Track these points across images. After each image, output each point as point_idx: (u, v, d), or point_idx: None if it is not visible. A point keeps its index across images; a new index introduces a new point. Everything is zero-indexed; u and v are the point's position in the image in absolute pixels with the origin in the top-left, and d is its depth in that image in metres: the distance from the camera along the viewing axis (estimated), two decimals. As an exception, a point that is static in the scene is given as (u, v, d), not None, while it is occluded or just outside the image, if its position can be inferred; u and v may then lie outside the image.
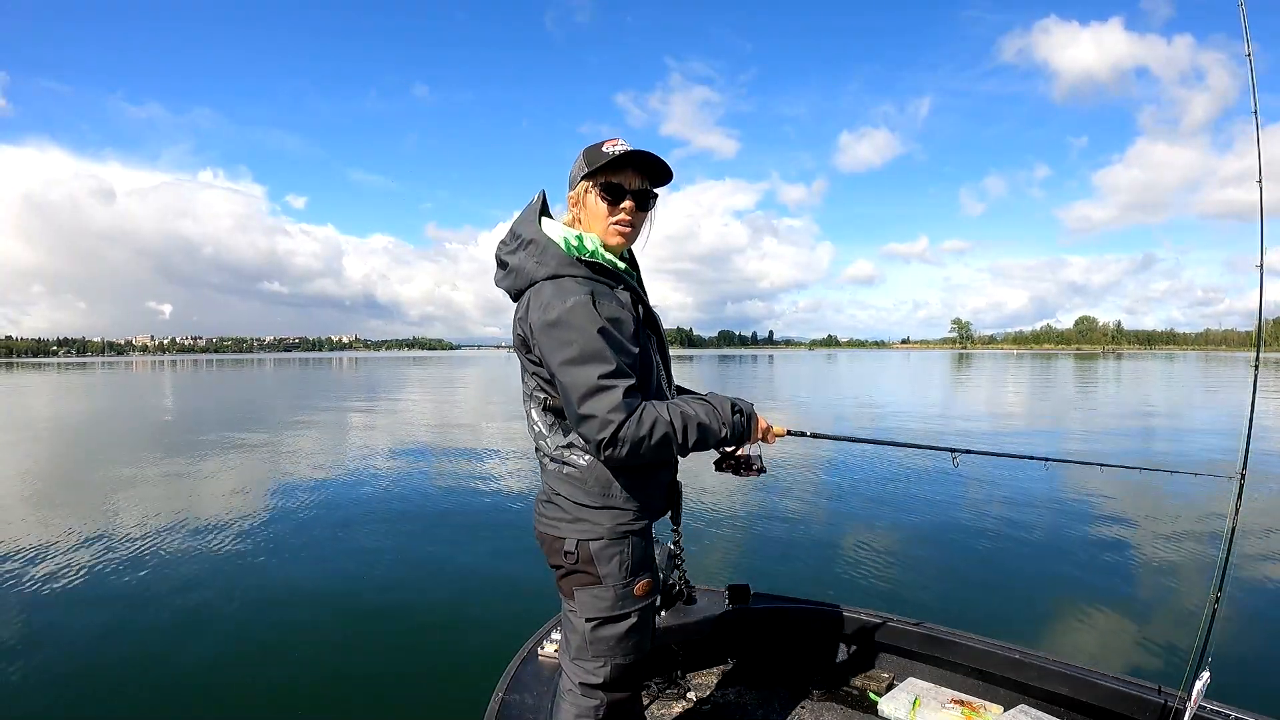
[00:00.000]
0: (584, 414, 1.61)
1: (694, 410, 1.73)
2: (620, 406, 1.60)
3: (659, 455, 1.69)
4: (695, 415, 1.72)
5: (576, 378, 1.61)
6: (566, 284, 1.68)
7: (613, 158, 1.74)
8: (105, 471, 10.54)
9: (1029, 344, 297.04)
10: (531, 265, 1.74)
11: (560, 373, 1.63)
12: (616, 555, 1.75)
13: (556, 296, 1.66)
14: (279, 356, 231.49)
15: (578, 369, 1.61)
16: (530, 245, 1.75)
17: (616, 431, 1.59)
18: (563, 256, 1.72)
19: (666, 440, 1.66)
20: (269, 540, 6.55)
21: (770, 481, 8.78)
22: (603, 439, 1.60)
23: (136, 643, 4.39)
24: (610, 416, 1.59)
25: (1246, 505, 2.08)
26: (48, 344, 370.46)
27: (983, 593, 5.22)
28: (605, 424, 1.59)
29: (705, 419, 1.73)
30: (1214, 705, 2.13)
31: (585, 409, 1.61)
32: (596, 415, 1.60)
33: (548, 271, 1.71)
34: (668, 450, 1.69)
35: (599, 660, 1.79)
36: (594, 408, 1.60)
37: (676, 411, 1.69)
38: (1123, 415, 18.05)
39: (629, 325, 1.73)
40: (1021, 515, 7.21)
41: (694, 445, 1.73)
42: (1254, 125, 2.03)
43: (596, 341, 1.61)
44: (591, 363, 1.61)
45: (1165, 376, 39.46)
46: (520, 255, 1.76)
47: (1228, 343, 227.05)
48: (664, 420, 1.65)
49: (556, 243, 1.74)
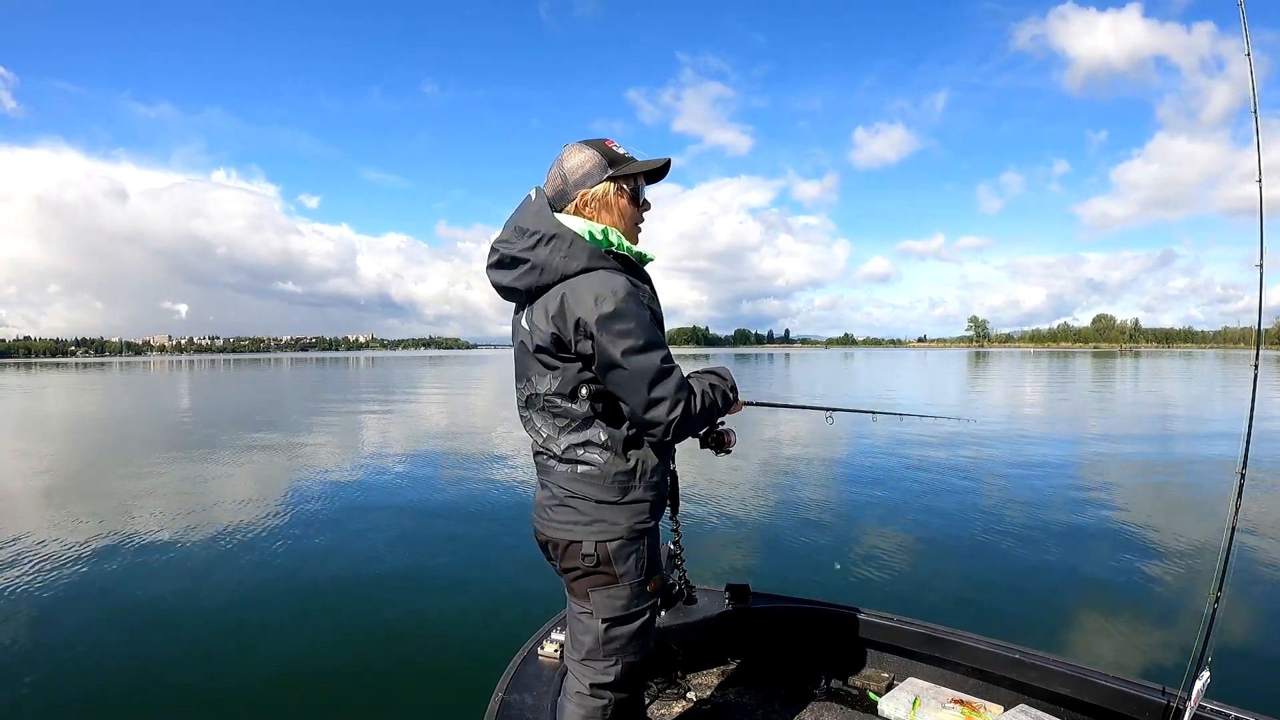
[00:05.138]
0: (656, 397, 1.68)
1: (715, 380, 1.88)
2: (684, 384, 1.71)
3: (701, 426, 1.93)
4: (719, 385, 1.88)
5: (644, 364, 1.66)
6: (609, 276, 1.69)
7: (655, 167, 1.83)
8: (123, 469, 10.69)
9: (1046, 342, 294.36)
10: (559, 260, 1.70)
11: (626, 361, 1.65)
12: (634, 554, 1.77)
13: (605, 287, 1.66)
14: (296, 356, 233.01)
15: (643, 356, 1.66)
16: (554, 240, 1.71)
17: (686, 408, 1.70)
18: (593, 249, 1.71)
19: (712, 409, 1.84)
20: (273, 538, 6.62)
21: (770, 481, 8.80)
22: (674, 418, 1.69)
23: (139, 638, 4.46)
24: (679, 395, 1.69)
25: (1247, 504, 2.07)
26: (66, 344, 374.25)
27: (983, 592, 5.20)
28: (676, 403, 1.69)
29: (723, 386, 1.89)
30: (1214, 705, 2.12)
31: (657, 392, 1.68)
32: (667, 397, 1.68)
33: (580, 264, 1.70)
34: (711, 419, 1.91)
35: (611, 660, 1.81)
36: (664, 390, 1.68)
37: (706, 383, 1.84)
38: (1130, 413, 17.89)
39: (660, 314, 1.82)
40: (1022, 515, 7.17)
41: (720, 412, 1.91)
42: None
43: (651, 327, 1.70)
44: (653, 348, 1.68)
45: (1180, 374, 39.03)
46: (543, 250, 1.71)
47: (1246, 340, 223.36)
48: (706, 393, 1.81)
49: (583, 236, 1.72)
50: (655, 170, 1.84)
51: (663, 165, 1.83)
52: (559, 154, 1.82)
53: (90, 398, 29.88)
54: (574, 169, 1.78)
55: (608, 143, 1.81)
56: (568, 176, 1.79)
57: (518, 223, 1.78)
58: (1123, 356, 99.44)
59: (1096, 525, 6.86)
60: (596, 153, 1.79)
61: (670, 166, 1.86)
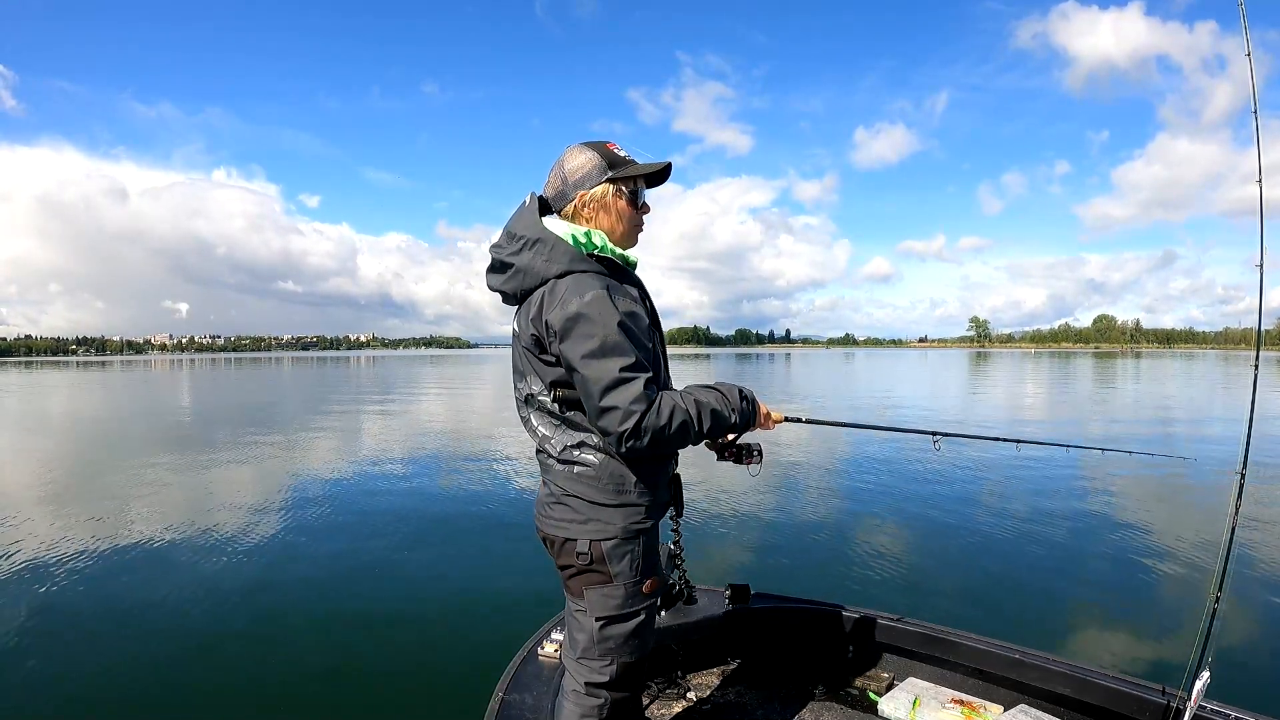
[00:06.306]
0: (606, 406, 1.64)
1: (706, 398, 1.77)
2: (641, 398, 1.63)
3: (677, 444, 1.75)
4: (708, 402, 1.76)
5: (598, 370, 1.63)
6: (583, 279, 1.70)
7: (654, 170, 1.82)
8: (123, 468, 10.68)
9: (1047, 343, 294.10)
10: (541, 264, 1.73)
11: (581, 366, 1.65)
12: (628, 554, 1.77)
13: (574, 291, 1.67)
14: (297, 355, 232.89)
15: (599, 362, 1.63)
16: (537, 244, 1.74)
17: (639, 422, 1.63)
18: (574, 253, 1.73)
19: (685, 428, 1.70)
20: (273, 538, 6.62)
21: (771, 481, 8.78)
22: (625, 430, 1.63)
23: (139, 637, 4.46)
24: (633, 408, 1.62)
25: (1247, 504, 2.07)
26: (67, 343, 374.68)
27: (983, 592, 5.20)
28: (628, 415, 1.62)
29: (718, 405, 1.78)
30: (1214, 705, 2.12)
31: (607, 401, 1.63)
32: (619, 407, 1.63)
33: (560, 268, 1.72)
34: (685, 438, 1.73)
35: (606, 659, 1.81)
36: (616, 400, 1.63)
37: (691, 399, 1.74)
38: (1131, 413, 17.86)
39: (643, 319, 1.77)
40: (1022, 515, 7.17)
41: (709, 432, 1.77)
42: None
43: (616, 334, 1.64)
44: (612, 355, 1.63)
45: (1180, 375, 38.98)
46: (527, 255, 1.75)
47: (1247, 341, 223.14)
48: (681, 408, 1.70)
49: (565, 240, 1.74)
50: (655, 173, 1.85)
51: (663, 168, 1.84)
52: (560, 155, 1.84)
53: (92, 397, 29.85)
54: (574, 170, 1.80)
55: (609, 145, 1.82)
56: (568, 178, 1.81)
57: (509, 228, 1.83)
58: (1124, 357, 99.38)
59: (1097, 525, 6.85)
60: (597, 155, 1.80)
61: (671, 170, 1.86)
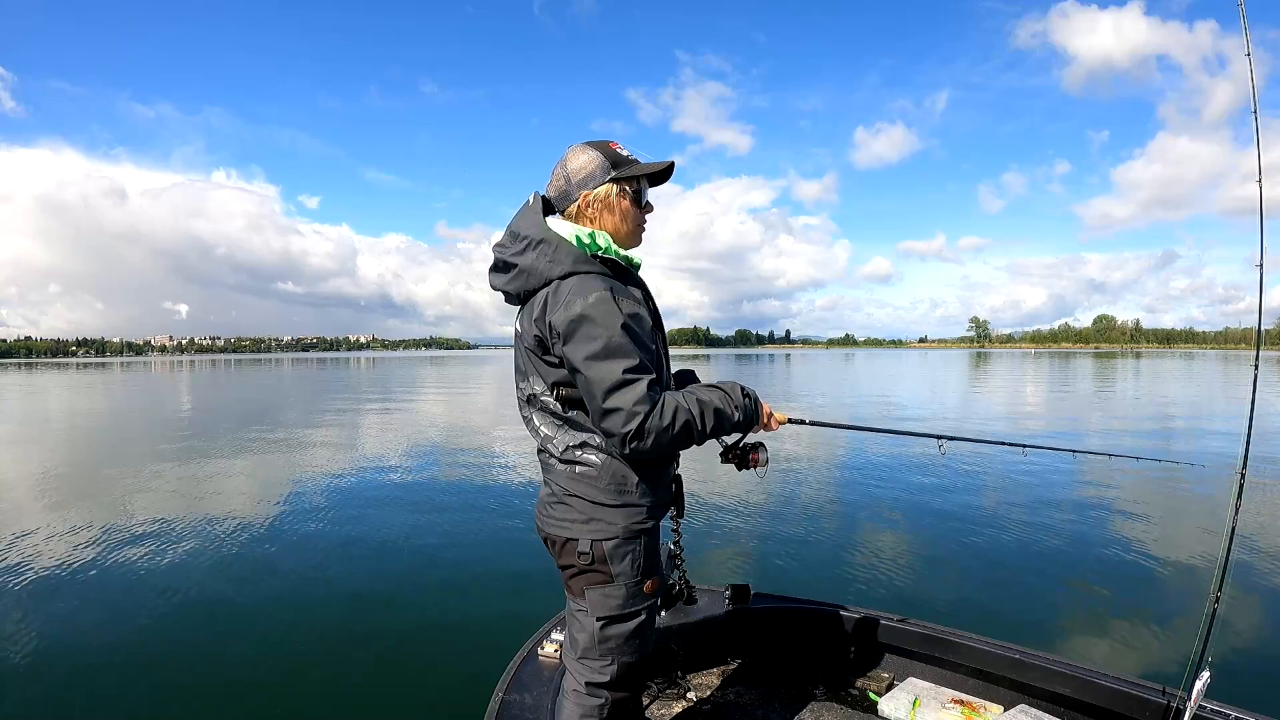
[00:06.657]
0: (609, 408, 1.64)
1: (709, 397, 1.77)
2: (645, 399, 1.63)
3: (680, 444, 1.74)
4: (711, 402, 1.76)
5: (601, 372, 1.63)
6: (587, 280, 1.70)
7: (658, 169, 1.83)
8: (124, 468, 10.67)
9: (1047, 342, 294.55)
10: (544, 264, 1.74)
11: (585, 368, 1.65)
12: (629, 554, 1.77)
13: (578, 293, 1.67)
14: (297, 356, 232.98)
15: (602, 364, 1.63)
16: (541, 245, 1.74)
17: (643, 424, 1.62)
18: (578, 253, 1.73)
19: (688, 428, 1.69)
20: (273, 538, 6.62)
21: (771, 481, 8.78)
22: (628, 431, 1.63)
23: (138, 637, 4.46)
24: (636, 409, 1.62)
25: (1247, 504, 2.07)
26: (67, 344, 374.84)
27: (983, 592, 5.19)
28: (631, 416, 1.62)
29: (720, 405, 1.78)
30: (1214, 705, 2.12)
31: (610, 403, 1.63)
32: (623, 408, 1.63)
33: (564, 269, 1.72)
34: (689, 438, 1.72)
35: (606, 659, 1.81)
36: (619, 401, 1.63)
37: (693, 399, 1.73)
38: (1132, 413, 17.86)
39: (647, 321, 1.77)
40: (1022, 515, 7.15)
41: (711, 432, 1.77)
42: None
43: (620, 336, 1.64)
44: (616, 357, 1.63)
45: (1180, 375, 38.97)
46: (530, 255, 1.75)
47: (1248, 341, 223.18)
48: (684, 409, 1.69)
49: (569, 240, 1.74)
50: (658, 172, 1.85)
51: (666, 167, 1.84)
52: (563, 155, 1.84)
53: (92, 397, 29.87)
54: (577, 170, 1.80)
55: (612, 144, 1.83)
56: (571, 177, 1.81)
57: (512, 227, 1.83)
58: (1124, 357, 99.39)
59: (1096, 525, 6.85)
60: (600, 154, 1.80)
61: (674, 169, 1.87)
